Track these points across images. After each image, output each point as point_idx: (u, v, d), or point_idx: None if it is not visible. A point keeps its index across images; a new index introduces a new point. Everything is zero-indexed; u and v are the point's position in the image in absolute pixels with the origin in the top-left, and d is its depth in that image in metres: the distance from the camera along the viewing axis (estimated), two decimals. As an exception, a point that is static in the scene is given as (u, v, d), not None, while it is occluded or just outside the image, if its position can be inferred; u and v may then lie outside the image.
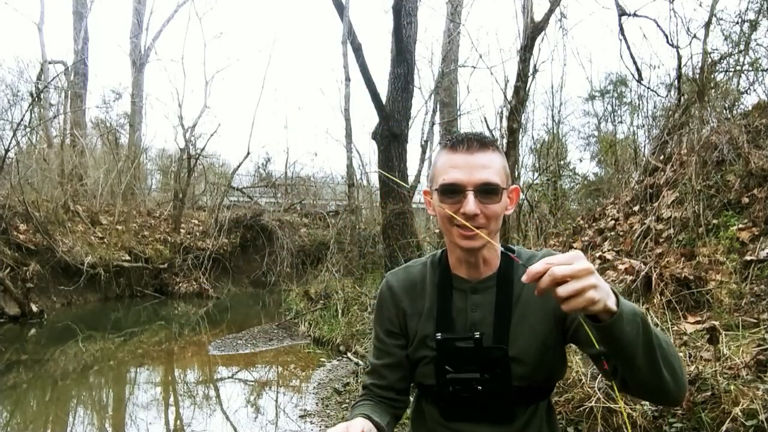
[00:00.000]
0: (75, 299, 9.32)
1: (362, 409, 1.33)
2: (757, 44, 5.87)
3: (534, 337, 1.25)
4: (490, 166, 1.21)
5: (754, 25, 5.83)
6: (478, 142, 1.23)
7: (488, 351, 1.23)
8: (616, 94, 11.06)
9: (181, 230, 12.12)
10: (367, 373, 1.45)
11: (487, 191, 1.20)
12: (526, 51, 6.21)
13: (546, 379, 1.29)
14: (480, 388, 1.23)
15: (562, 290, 0.88)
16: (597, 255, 4.67)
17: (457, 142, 1.23)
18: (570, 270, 0.89)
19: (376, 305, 1.44)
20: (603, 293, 0.91)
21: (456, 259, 1.33)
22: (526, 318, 1.27)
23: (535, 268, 0.91)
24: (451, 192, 1.21)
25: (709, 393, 2.47)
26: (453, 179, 1.21)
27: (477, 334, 1.24)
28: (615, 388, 1.05)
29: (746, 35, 5.92)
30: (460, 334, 1.28)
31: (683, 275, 3.45)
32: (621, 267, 4.09)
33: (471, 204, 1.19)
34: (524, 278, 0.92)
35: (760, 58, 5.88)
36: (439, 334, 1.28)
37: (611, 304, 0.92)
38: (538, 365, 1.26)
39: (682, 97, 5.95)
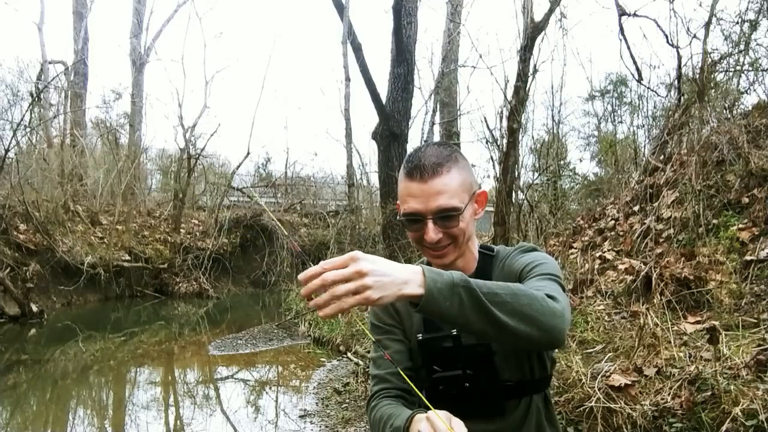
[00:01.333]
0: (75, 299, 9.32)
1: (398, 407, 1.29)
2: (757, 44, 5.87)
3: None
4: (445, 191, 1.22)
5: (754, 25, 5.83)
6: (432, 167, 1.23)
7: (471, 348, 1.24)
8: (616, 94, 11.07)
9: (181, 230, 12.12)
10: (374, 385, 1.41)
11: (446, 217, 1.23)
12: (526, 51, 6.21)
13: (535, 370, 1.29)
14: (467, 385, 1.24)
15: (333, 294, 0.89)
16: (597, 255, 4.67)
17: (413, 168, 1.24)
18: (342, 274, 0.90)
19: (371, 313, 1.43)
20: (389, 288, 0.92)
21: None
22: None
23: (309, 270, 0.91)
24: (412, 222, 1.25)
25: (709, 393, 2.47)
26: (411, 209, 1.24)
27: (454, 332, 1.24)
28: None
29: (746, 35, 5.92)
30: (442, 333, 1.28)
31: (683, 275, 3.45)
32: (621, 267, 4.09)
33: (431, 232, 1.22)
34: (300, 276, 0.92)
35: (760, 58, 5.89)
36: (420, 334, 1.29)
37: (411, 290, 0.94)
38: (524, 358, 1.26)
39: (682, 97, 5.95)
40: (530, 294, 1.02)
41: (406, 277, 0.95)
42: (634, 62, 6.73)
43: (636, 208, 5.11)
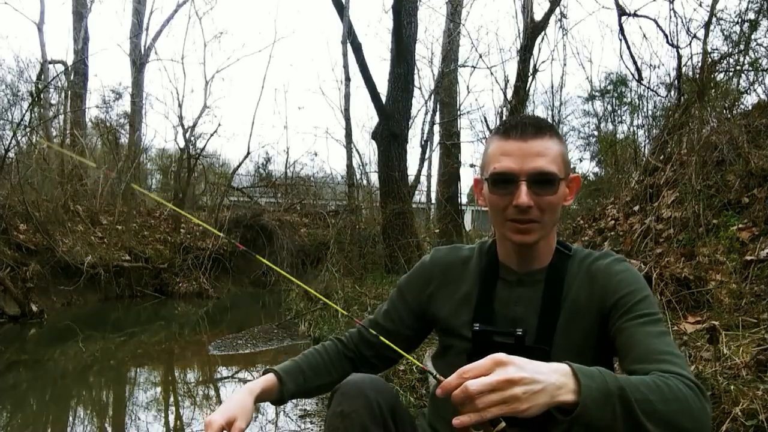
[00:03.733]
0: (75, 299, 9.31)
1: (296, 363, 1.36)
2: (757, 44, 5.87)
3: (579, 341, 1.17)
4: (545, 154, 1.13)
5: (754, 25, 5.82)
6: (534, 127, 1.14)
7: (528, 351, 1.11)
8: (616, 94, 11.07)
9: (181, 230, 12.12)
10: (356, 327, 1.38)
11: (542, 181, 1.12)
12: (526, 51, 6.22)
13: None
14: None
15: (475, 405, 0.80)
16: (597, 255, 4.66)
17: (511, 127, 1.15)
18: (487, 384, 0.80)
19: (411, 271, 1.38)
20: (540, 398, 0.81)
21: (506, 250, 1.26)
22: (573, 319, 1.17)
23: (449, 381, 0.84)
24: (503, 182, 1.14)
25: (709, 393, 2.47)
26: (504, 168, 1.13)
27: (519, 331, 1.16)
28: None
29: (746, 35, 5.92)
30: (500, 327, 1.20)
31: (683, 275, 3.45)
32: (621, 267, 4.08)
33: (524, 195, 1.11)
34: (438, 391, 0.85)
35: (760, 58, 5.88)
36: (477, 324, 1.20)
37: (564, 397, 0.83)
38: None
39: (682, 97, 5.95)
40: (681, 397, 0.88)
41: (558, 382, 0.83)
42: (634, 62, 6.74)
43: (636, 208, 5.10)
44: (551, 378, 0.83)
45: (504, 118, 7.45)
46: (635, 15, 6.45)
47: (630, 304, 1.11)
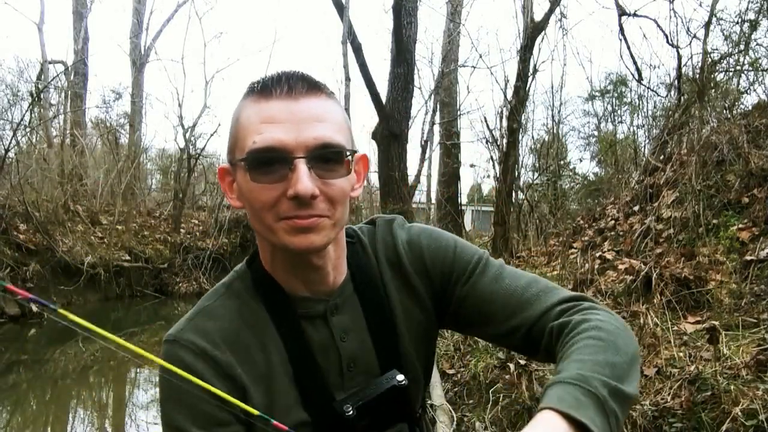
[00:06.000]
0: (75, 299, 9.31)
1: None
2: (757, 44, 5.88)
3: (422, 338, 0.96)
4: (327, 119, 0.79)
5: (754, 25, 5.83)
6: (305, 82, 0.80)
7: (397, 391, 0.89)
8: (616, 94, 11.08)
9: (181, 230, 12.13)
10: None
11: (328, 158, 0.78)
12: (526, 51, 6.22)
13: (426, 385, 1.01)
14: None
15: None
16: (597, 255, 4.67)
17: (269, 83, 0.79)
18: None
19: (172, 391, 0.81)
20: None
21: (285, 272, 0.87)
22: (407, 317, 0.94)
23: None
24: (269, 162, 0.76)
25: (709, 393, 2.47)
26: (270, 141, 0.76)
27: (400, 380, 0.89)
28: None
29: (746, 35, 5.92)
30: (356, 384, 0.89)
31: (683, 275, 3.45)
32: (621, 267, 4.09)
33: (304, 178, 0.75)
34: None
35: (760, 58, 5.89)
36: (349, 407, 0.85)
37: None
38: (427, 375, 1.00)
39: (682, 97, 5.95)
40: (612, 328, 0.79)
41: None
42: (634, 62, 6.74)
43: (636, 208, 5.11)
44: None
45: (502, 119, 7.47)
46: (635, 15, 6.46)
47: (452, 268, 0.92)
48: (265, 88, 0.79)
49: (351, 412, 0.85)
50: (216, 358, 0.82)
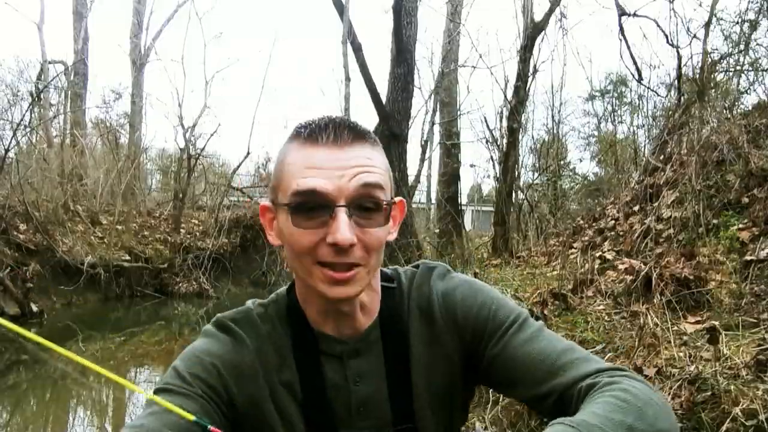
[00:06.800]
0: (75, 299, 9.31)
1: None
2: (757, 44, 5.89)
3: (442, 396, 0.94)
4: (368, 169, 0.81)
5: (754, 25, 5.83)
6: (351, 130, 0.83)
7: None
8: (616, 94, 11.10)
9: (181, 230, 12.13)
10: None
11: (366, 206, 0.80)
12: (526, 51, 6.22)
13: None
14: None
15: None
16: (597, 255, 4.67)
17: (316, 130, 0.82)
18: None
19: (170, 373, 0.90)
20: None
21: (318, 312, 0.91)
22: (429, 372, 0.93)
23: None
24: (311, 208, 0.79)
25: (709, 393, 2.47)
26: (314, 187, 0.79)
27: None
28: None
29: (746, 35, 5.93)
30: (365, 426, 0.90)
31: (683, 275, 3.45)
32: (621, 267, 4.09)
33: (344, 227, 0.77)
34: None
35: (760, 58, 5.90)
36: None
37: None
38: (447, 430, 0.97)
39: (682, 97, 5.96)
40: (645, 398, 0.75)
41: None
42: (634, 62, 6.75)
43: (636, 208, 5.11)
44: None
45: (502, 119, 7.46)
46: (635, 15, 6.46)
47: (485, 325, 0.91)
48: (311, 135, 0.82)
49: None
50: (218, 368, 0.88)
